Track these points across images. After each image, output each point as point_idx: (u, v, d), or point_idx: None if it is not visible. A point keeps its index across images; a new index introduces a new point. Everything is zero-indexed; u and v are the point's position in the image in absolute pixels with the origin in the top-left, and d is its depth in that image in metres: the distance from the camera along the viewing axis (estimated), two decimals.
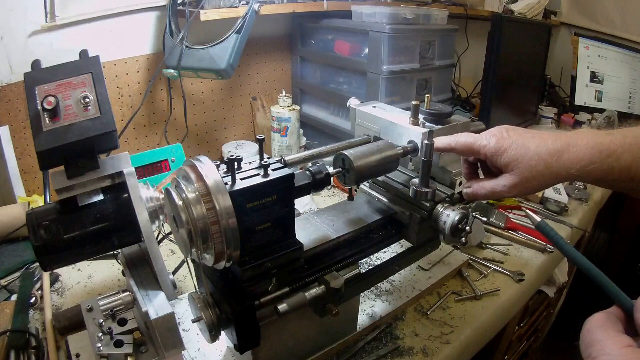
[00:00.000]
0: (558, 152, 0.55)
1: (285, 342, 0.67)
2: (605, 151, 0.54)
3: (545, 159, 0.55)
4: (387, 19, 1.27)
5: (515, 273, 0.96)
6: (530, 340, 1.56)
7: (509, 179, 0.58)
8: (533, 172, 0.56)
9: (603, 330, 0.34)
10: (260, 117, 1.59)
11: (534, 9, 2.05)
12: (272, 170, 0.55)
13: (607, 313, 0.37)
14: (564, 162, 0.55)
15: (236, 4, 1.21)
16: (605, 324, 0.35)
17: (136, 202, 0.56)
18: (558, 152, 0.55)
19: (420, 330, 0.79)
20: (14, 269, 0.90)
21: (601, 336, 0.34)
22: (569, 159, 0.54)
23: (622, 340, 0.33)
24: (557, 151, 0.55)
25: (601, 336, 0.34)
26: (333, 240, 0.68)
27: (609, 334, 0.34)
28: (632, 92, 2.11)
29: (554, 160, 0.55)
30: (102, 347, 0.54)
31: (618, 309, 0.37)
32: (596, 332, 0.35)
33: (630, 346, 0.33)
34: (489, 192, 0.61)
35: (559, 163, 0.55)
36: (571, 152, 0.55)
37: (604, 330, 0.34)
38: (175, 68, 1.17)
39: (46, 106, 0.52)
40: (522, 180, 0.57)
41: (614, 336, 0.34)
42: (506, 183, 0.58)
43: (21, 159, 1.12)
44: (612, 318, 0.36)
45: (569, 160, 0.54)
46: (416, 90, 1.42)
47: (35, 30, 1.07)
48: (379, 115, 0.76)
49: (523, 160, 0.56)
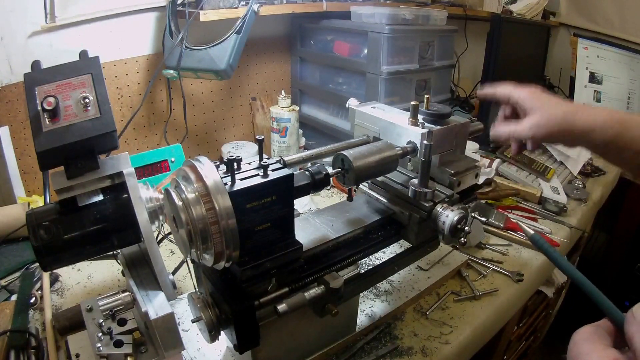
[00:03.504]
0: (575, 108, 0.64)
1: (285, 342, 0.67)
2: (615, 117, 0.62)
3: (565, 110, 0.64)
4: (387, 19, 1.28)
5: (514, 273, 0.96)
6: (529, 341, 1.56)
7: (530, 119, 0.67)
8: (552, 117, 0.65)
9: (590, 343, 0.35)
10: (259, 117, 1.59)
11: (533, 10, 2.05)
12: (272, 171, 0.55)
13: (595, 326, 0.37)
14: (579, 117, 0.63)
15: (236, 4, 1.21)
16: (592, 337, 0.35)
17: (136, 203, 0.56)
18: (575, 109, 0.64)
19: (419, 330, 0.80)
20: (14, 269, 0.90)
21: (587, 349, 0.34)
22: (583, 115, 0.63)
23: (609, 353, 0.33)
24: (574, 107, 0.65)
25: (587, 349, 0.34)
26: (332, 241, 0.68)
27: (596, 347, 0.34)
28: (630, 92, 2.11)
29: (570, 114, 0.64)
30: (102, 347, 0.54)
31: (608, 322, 0.37)
32: (583, 345, 0.35)
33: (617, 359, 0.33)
34: (511, 130, 0.70)
35: (574, 117, 0.63)
36: (586, 111, 0.64)
37: (591, 343, 0.35)
38: (174, 68, 1.17)
39: (46, 107, 0.52)
40: (543, 121, 0.65)
41: (600, 349, 0.34)
42: (527, 122, 0.67)
43: (21, 159, 1.12)
44: (599, 331, 0.36)
45: (583, 116, 0.63)
46: (415, 91, 1.43)
47: (35, 30, 1.08)
48: (378, 115, 0.77)
49: (545, 106, 0.66)
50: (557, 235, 1.14)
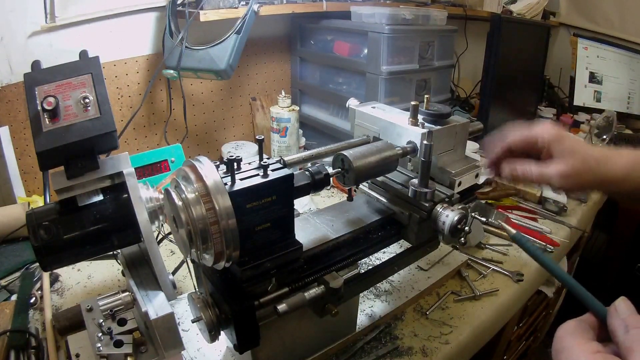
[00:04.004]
0: (605, 156, 0.59)
1: (285, 342, 0.67)
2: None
3: (597, 157, 0.58)
4: (387, 19, 1.28)
5: (514, 273, 0.96)
6: (529, 341, 1.56)
7: (561, 166, 0.59)
8: (585, 166, 0.58)
9: (573, 337, 0.35)
10: (259, 117, 1.59)
11: (533, 10, 2.05)
12: (272, 171, 0.55)
13: (578, 320, 0.37)
14: (610, 166, 0.58)
15: (236, 4, 1.21)
16: (575, 331, 0.36)
17: (136, 203, 0.56)
18: (605, 156, 0.59)
19: (419, 330, 0.80)
20: (14, 269, 0.90)
21: (571, 343, 0.35)
22: (614, 164, 0.58)
23: (591, 346, 0.34)
24: (604, 155, 0.59)
25: (571, 343, 0.35)
26: (332, 241, 0.68)
27: (579, 341, 0.35)
28: (630, 92, 2.11)
29: (602, 162, 0.58)
30: (102, 347, 0.54)
31: (591, 316, 0.37)
32: (566, 339, 0.35)
33: (599, 352, 0.33)
34: (539, 175, 0.61)
35: (606, 166, 0.58)
36: (615, 159, 0.58)
37: (574, 338, 0.35)
38: (174, 68, 1.17)
39: (46, 107, 0.52)
40: (574, 171, 0.58)
41: (583, 343, 0.34)
42: (558, 169, 0.59)
43: (21, 159, 1.12)
44: (583, 325, 0.37)
45: (614, 165, 0.58)
46: (415, 91, 1.43)
47: (35, 30, 1.08)
48: (378, 115, 0.77)
49: (579, 152, 0.59)
50: (557, 235, 1.14)
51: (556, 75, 2.33)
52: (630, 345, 0.32)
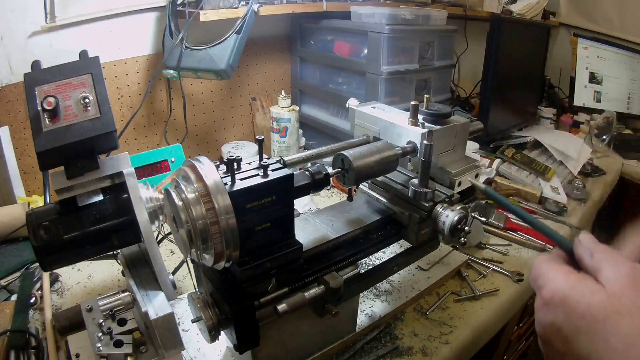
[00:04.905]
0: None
1: (285, 342, 0.67)
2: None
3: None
4: (387, 19, 1.28)
5: (514, 273, 0.96)
6: (529, 340, 1.56)
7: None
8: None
9: (547, 263, 0.39)
10: (259, 117, 1.59)
11: (533, 10, 2.05)
12: (272, 171, 0.55)
13: (550, 253, 0.42)
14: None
15: (236, 4, 1.21)
16: (549, 259, 0.40)
17: (136, 203, 0.56)
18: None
19: (419, 330, 0.80)
20: (14, 269, 0.90)
21: (546, 268, 0.38)
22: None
23: (564, 268, 0.37)
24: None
25: (546, 268, 0.38)
26: (332, 241, 0.68)
27: (552, 266, 0.38)
28: (630, 92, 2.11)
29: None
30: (102, 347, 0.54)
31: (560, 250, 0.41)
32: (541, 266, 0.39)
33: (572, 273, 0.36)
34: None
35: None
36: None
37: (548, 263, 0.39)
38: (174, 69, 1.17)
39: (46, 107, 0.52)
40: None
41: (556, 267, 0.38)
42: None
43: (21, 159, 1.12)
44: (554, 256, 0.40)
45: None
46: (415, 91, 1.43)
47: (35, 30, 1.08)
48: (378, 115, 0.77)
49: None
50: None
51: (556, 76, 2.33)
52: (597, 266, 0.35)
